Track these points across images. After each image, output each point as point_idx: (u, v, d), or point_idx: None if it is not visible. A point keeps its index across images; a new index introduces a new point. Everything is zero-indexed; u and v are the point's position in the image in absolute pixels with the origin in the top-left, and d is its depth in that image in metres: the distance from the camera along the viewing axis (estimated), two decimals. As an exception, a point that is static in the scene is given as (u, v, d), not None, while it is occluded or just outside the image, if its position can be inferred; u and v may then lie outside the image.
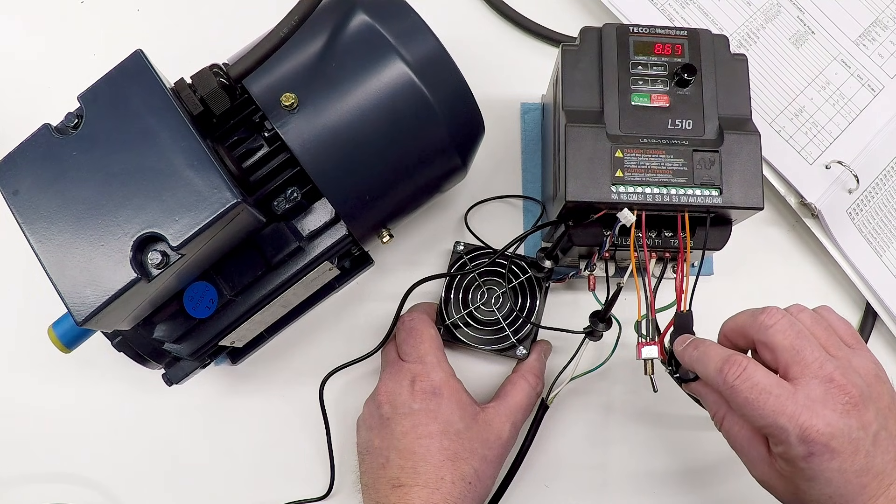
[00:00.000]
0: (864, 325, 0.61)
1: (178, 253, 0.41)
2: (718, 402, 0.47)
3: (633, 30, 0.51)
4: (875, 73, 0.64)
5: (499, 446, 0.52)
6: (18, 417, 0.59)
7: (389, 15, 0.48)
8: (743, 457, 0.46)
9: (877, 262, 0.60)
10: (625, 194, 0.47)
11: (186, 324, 0.48)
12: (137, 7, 0.66)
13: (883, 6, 0.66)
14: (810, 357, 0.41)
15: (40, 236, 0.41)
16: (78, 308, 0.40)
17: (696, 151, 0.48)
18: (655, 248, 0.50)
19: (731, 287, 0.61)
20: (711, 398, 0.48)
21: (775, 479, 0.44)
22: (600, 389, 0.60)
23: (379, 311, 0.60)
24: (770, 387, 0.41)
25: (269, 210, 0.48)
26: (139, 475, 0.58)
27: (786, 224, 0.64)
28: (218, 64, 0.47)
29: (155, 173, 0.41)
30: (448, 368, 0.54)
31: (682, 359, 0.46)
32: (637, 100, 0.49)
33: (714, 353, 0.43)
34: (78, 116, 0.43)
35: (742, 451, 0.46)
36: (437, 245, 0.62)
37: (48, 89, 0.63)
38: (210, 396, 0.59)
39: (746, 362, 0.42)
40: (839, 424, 0.40)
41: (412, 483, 0.49)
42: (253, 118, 0.48)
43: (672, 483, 0.58)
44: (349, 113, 0.47)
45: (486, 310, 0.58)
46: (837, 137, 0.62)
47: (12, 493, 0.58)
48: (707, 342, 0.46)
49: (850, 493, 0.41)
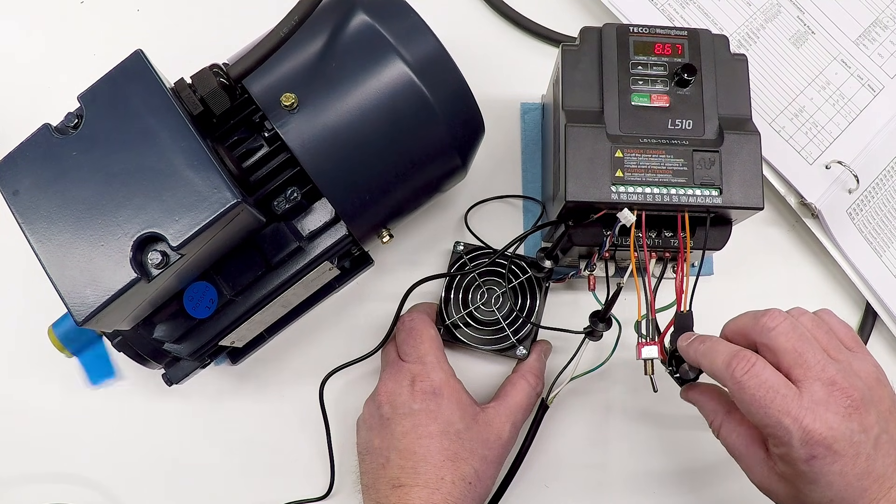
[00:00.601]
0: (864, 326, 0.61)
1: (178, 253, 0.41)
2: (716, 409, 0.47)
3: (633, 30, 0.51)
4: (875, 73, 0.64)
5: (499, 446, 0.52)
6: (18, 417, 0.59)
7: (389, 15, 0.48)
8: (742, 462, 0.46)
9: (877, 262, 0.60)
10: (625, 194, 0.47)
11: (186, 324, 0.48)
12: (137, 7, 0.66)
13: (883, 6, 0.66)
14: (812, 360, 0.41)
15: (40, 236, 0.41)
16: (78, 308, 0.40)
17: (696, 151, 0.48)
18: (655, 248, 0.50)
19: (731, 287, 0.61)
20: (709, 405, 0.48)
21: (775, 483, 0.44)
22: (600, 389, 0.60)
23: (379, 311, 0.60)
24: (777, 386, 0.41)
25: (269, 210, 0.48)
26: (139, 475, 0.58)
27: (786, 224, 0.64)
28: (218, 64, 0.47)
29: (155, 173, 0.41)
30: (448, 368, 0.54)
31: (686, 354, 0.46)
32: (637, 100, 0.49)
33: (722, 348, 0.43)
34: (78, 116, 0.43)
35: (741, 457, 0.46)
36: (437, 245, 0.62)
37: (48, 89, 0.63)
38: (210, 396, 0.59)
39: (755, 359, 0.42)
40: (841, 428, 0.40)
41: (412, 483, 0.49)
42: (253, 118, 0.48)
43: (672, 483, 0.58)
44: (349, 113, 0.47)
45: (486, 310, 0.58)
46: (837, 137, 0.62)
47: (12, 493, 0.58)
48: (714, 338, 0.45)
49: (851, 496, 0.40)
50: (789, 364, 0.42)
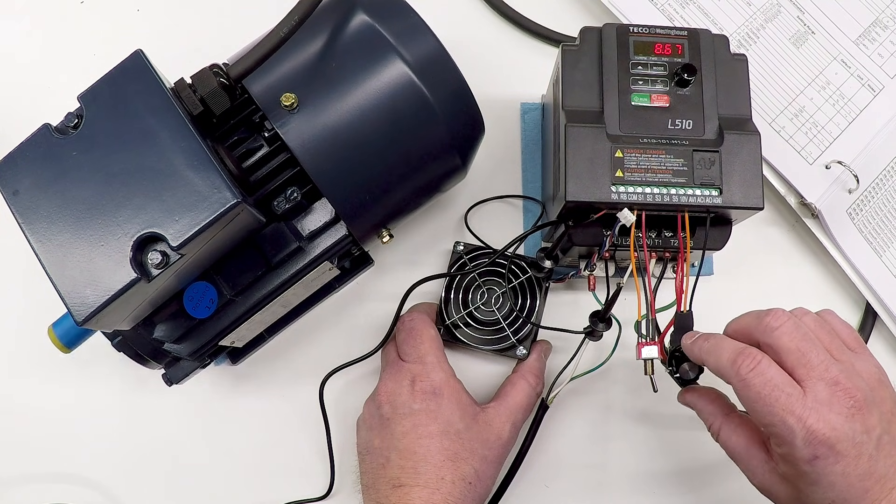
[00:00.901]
0: (864, 326, 0.61)
1: (178, 253, 0.41)
2: (714, 412, 0.47)
3: (633, 30, 0.51)
4: (875, 73, 0.64)
5: (499, 446, 0.52)
6: (18, 417, 0.59)
7: (389, 15, 0.48)
8: (742, 464, 0.46)
9: (877, 262, 0.60)
10: (625, 194, 0.47)
11: (186, 324, 0.48)
12: (137, 7, 0.66)
13: (883, 6, 0.66)
14: (815, 360, 0.41)
15: (40, 236, 0.41)
16: (78, 308, 0.40)
17: (696, 151, 0.48)
18: (655, 248, 0.50)
19: (731, 287, 0.61)
20: (707, 408, 0.47)
21: (777, 484, 0.43)
22: (600, 389, 0.60)
23: (379, 311, 0.60)
24: (783, 384, 0.41)
25: (269, 210, 0.48)
26: (139, 475, 0.58)
27: (786, 224, 0.64)
28: (218, 64, 0.47)
29: (155, 173, 0.41)
30: (448, 368, 0.54)
31: (690, 352, 0.46)
32: (637, 100, 0.49)
33: (728, 345, 0.43)
34: (78, 116, 0.43)
35: (741, 460, 0.45)
36: (437, 245, 0.62)
37: (48, 89, 0.63)
38: (210, 396, 0.59)
39: (761, 356, 0.42)
40: (844, 428, 0.40)
41: (412, 483, 0.49)
42: (253, 118, 0.48)
43: (672, 483, 0.58)
44: (349, 113, 0.47)
45: (486, 310, 0.58)
46: (837, 137, 0.62)
47: (12, 493, 0.58)
48: (719, 335, 0.45)
49: (853, 497, 0.40)
50: (793, 364, 0.42)
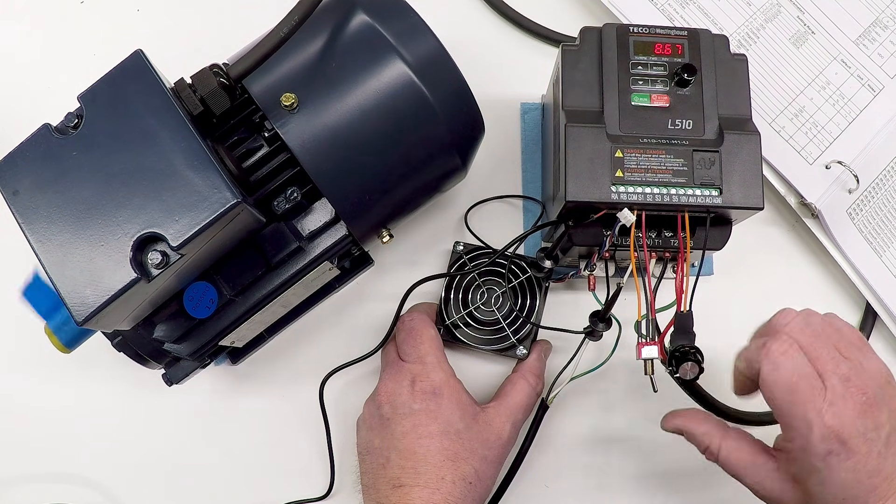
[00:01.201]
0: (864, 326, 0.61)
1: (178, 253, 0.41)
2: (709, 431, 0.47)
3: (633, 30, 0.51)
4: (875, 73, 0.64)
5: (499, 446, 0.52)
6: (18, 417, 0.59)
7: (389, 15, 0.48)
8: (749, 479, 0.45)
9: (877, 262, 0.60)
10: (625, 194, 0.47)
11: (186, 324, 0.48)
12: (137, 7, 0.66)
13: (883, 6, 0.66)
14: (827, 356, 0.42)
15: (40, 236, 0.41)
16: (78, 308, 0.40)
17: (696, 151, 0.48)
18: (655, 248, 0.50)
19: (731, 287, 0.61)
20: (701, 428, 0.47)
21: (787, 491, 0.43)
22: (600, 389, 0.60)
23: (379, 311, 0.60)
24: (809, 375, 0.41)
25: (269, 210, 0.48)
26: (139, 475, 0.58)
27: (786, 224, 0.64)
28: (218, 64, 0.47)
29: (155, 173, 0.41)
30: (448, 368, 0.54)
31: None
32: (637, 100, 0.49)
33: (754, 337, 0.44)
34: (78, 116, 0.43)
35: (747, 474, 0.45)
36: (437, 245, 0.62)
37: (48, 89, 0.63)
38: (210, 396, 0.59)
39: (793, 341, 0.42)
40: (857, 424, 0.40)
41: (413, 483, 0.49)
42: (253, 118, 0.48)
43: (672, 483, 0.58)
44: (349, 113, 0.47)
45: (486, 310, 0.58)
46: (837, 137, 0.62)
47: (12, 493, 0.58)
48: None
49: (861, 493, 0.41)
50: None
